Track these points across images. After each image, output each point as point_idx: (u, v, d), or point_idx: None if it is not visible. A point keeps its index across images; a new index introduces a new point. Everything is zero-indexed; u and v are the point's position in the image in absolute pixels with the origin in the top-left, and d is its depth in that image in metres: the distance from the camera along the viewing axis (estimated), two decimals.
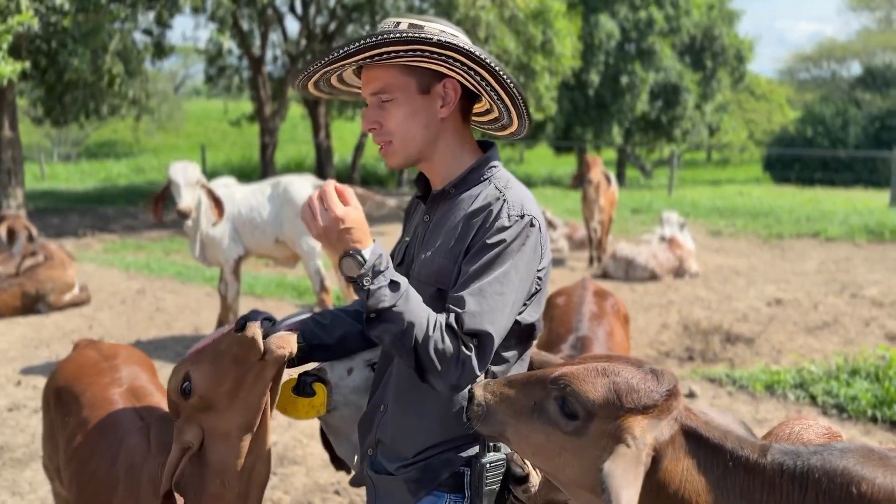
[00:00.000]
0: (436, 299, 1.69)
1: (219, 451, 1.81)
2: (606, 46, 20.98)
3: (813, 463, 1.32)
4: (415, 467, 1.73)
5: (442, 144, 1.74)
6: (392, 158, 1.74)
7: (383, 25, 1.65)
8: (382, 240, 8.34)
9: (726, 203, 15.51)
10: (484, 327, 1.58)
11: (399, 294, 1.57)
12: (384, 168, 23.85)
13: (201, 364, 1.78)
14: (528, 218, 1.65)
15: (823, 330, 6.75)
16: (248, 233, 5.89)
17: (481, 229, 1.65)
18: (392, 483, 1.77)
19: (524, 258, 1.65)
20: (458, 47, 1.58)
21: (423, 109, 1.69)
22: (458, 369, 1.57)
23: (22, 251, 7.74)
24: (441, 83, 1.69)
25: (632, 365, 1.41)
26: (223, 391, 1.75)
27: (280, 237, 5.88)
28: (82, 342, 2.82)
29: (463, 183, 1.73)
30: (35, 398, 5.10)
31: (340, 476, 4.03)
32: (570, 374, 1.40)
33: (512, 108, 1.74)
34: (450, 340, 1.57)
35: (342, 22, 16.33)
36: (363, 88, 1.72)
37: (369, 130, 1.72)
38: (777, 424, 1.76)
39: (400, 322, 1.56)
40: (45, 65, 11.81)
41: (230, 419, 1.79)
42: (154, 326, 6.81)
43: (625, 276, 8.82)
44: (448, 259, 1.68)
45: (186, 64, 42.04)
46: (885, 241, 11.13)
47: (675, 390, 1.39)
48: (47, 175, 25.32)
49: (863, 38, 40.82)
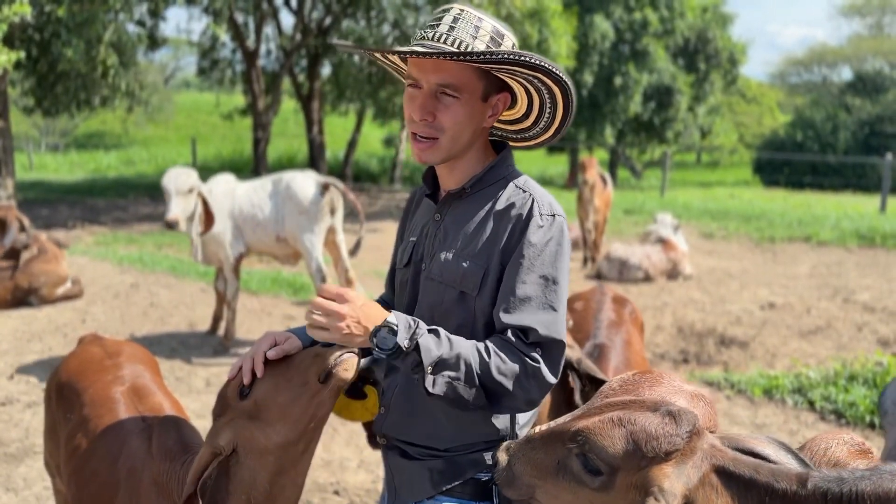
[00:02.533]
0: (458, 302, 1.68)
1: (251, 466, 1.75)
2: (601, 47, 21.01)
3: (863, 488, 1.27)
4: (441, 459, 1.71)
5: (473, 149, 1.74)
6: (432, 154, 1.68)
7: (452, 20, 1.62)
8: (377, 237, 8.35)
9: (718, 205, 15.57)
10: (547, 335, 1.58)
11: (441, 339, 1.56)
12: (375, 164, 23.79)
13: (270, 369, 1.73)
14: (559, 218, 1.67)
15: (816, 334, 6.79)
16: (250, 230, 5.83)
17: (515, 230, 1.64)
18: (414, 469, 1.74)
19: (565, 259, 1.66)
20: (563, 81, 1.60)
21: (478, 115, 1.68)
22: (529, 383, 1.57)
23: (14, 242, 7.66)
24: (498, 95, 1.69)
25: (648, 409, 1.36)
26: (278, 402, 1.70)
27: (282, 234, 5.82)
28: (87, 337, 2.78)
29: (479, 182, 1.73)
30: (28, 392, 5.05)
31: (339, 476, 4.01)
32: (587, 430, 1.36)
33: (556, 122, 1.75)
34: (510, 358, 1.56)
35: (337, 17, 16.26)
36: (424, 73, 1.64)
37: (421, 120, 1.65)
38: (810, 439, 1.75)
39: (457, 365, 1.54)
40: (38, 54, 11.71)
41: (272, 435, 1.72)
42: (149, 321, 6.75)
43: (618, 276, 8.84)
44: (474, 263, 1.66)
45: (177, 56, 41.79)
46: (877, 247, 11.20)
47: (696, 430, 1.34)
48: (35, 165, 25.12)
49: (854, 44, 41.14)
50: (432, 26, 1.64)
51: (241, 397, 1.74)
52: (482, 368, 1.54)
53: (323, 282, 5.91)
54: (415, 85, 1.66)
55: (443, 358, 1.53)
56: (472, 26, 1.62)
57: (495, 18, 1.66)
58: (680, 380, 1.63)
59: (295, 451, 1.75)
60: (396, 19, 14.69)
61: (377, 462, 4.12)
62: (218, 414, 1.81)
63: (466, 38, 1.61)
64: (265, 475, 1.75)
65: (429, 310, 1.73)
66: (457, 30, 1.61)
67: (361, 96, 17.17)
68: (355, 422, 2.00)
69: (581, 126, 21.94)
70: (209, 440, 1.77)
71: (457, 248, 1.69)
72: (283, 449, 1.73)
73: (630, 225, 13.37)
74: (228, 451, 1.76)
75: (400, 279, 1.86)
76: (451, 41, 1.60)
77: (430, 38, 1.62)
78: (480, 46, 1.61)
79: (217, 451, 1.76)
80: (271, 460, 1.74)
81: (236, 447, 1.76)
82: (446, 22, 1.62)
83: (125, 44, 11.95)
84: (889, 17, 43.55)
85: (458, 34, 1.61)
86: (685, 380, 1.66)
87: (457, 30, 1.61)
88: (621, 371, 2.75)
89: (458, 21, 1.62)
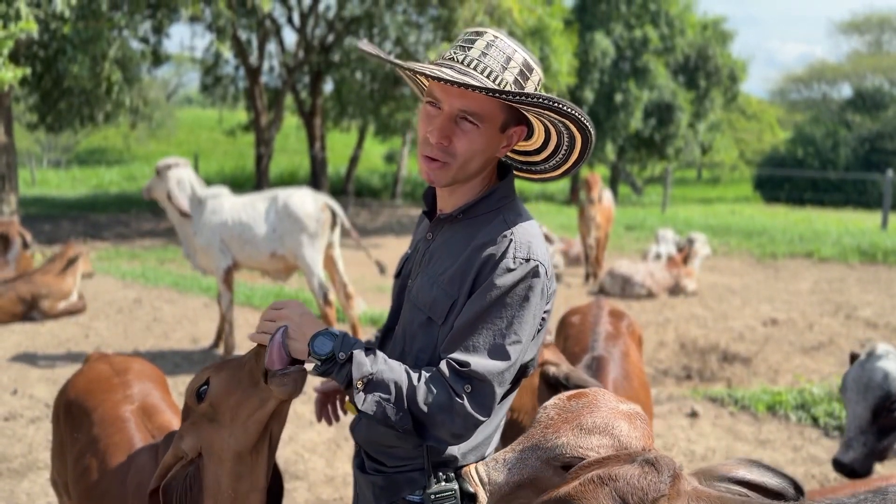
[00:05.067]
0: (424, 326, 1.67)
1: (213, 471, 1.78)
2: (601, 64, 21.13)
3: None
4: (382, 475, 1.72)
5: (480, 176, 1.71)
6: (441, 176, 1.65)
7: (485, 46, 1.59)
8: (379, 252, 8.37)
9: (719, 221, 15.60)
10: (480, 373, 1.55)
11: (377, 358, 1.57)
12: (377, 180, 23.86)
13: (222, 371, 1.77)
14: (533, 264, 1.60)
15: (819, 350, 6.78)
16: (238, 246, 5.84)
17: (485, 268, 1.61)
18: (364, 482, 1.78)
19: (529, 308, 1.60)
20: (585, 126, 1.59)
21: (493, 145, 1.65)
22: (453, 418, 1.54)
23: (17, 257, 7.69)
24: (516, 128, 1.67)
25: (625, 462, 1.36)
26: (229, 404, 1.72)
27: (279, 251, 5.83)
28: (94, 355, 2.78)
29: (472, 210, 1.70)
30: (31, 408, 5.05)
31: (343, 492, 4.00)
32: (572, 497, 1.35)
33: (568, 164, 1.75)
34: (437, 390, 1.54)
35: (340, 34, 16.38)
36: (449, 96, 1.59)
37: (437, 144, 1.61)
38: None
39: (388, 386, 1.54)
40: (42, 71, 11.78)
41: (226, 439, 1.74)
42: (152, 336, 6.76)
43: (621, 292, 8.84)
44: (443, 292, 1.64)
45: (179, 72, 42.00)
46: (878, 263, 11.21)
47: (676, 474, 1.34)
48: (38, 181, 25.19)
49: (853, 61, 41.33)
50: (463, 48, 1.60)
51: (198, 400, 1.77)
52: (409, 395, 1.53)
53: (325, 298, 5.93)
54: (434, 104, 1.62)
55: (374, 376, 1.54)
56: (504, 56, 1.59)
57: (526, 49, 1.63)
58: (614, 399, 1.62)
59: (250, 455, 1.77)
60: (398, 37, 14.79)
61: None
62: (184, 418, 1.83)
63: (496, 69, 1.57)
64: (227, 479, 1.77)
65: (402, 329, 1.74)
66: (488, 57, 1.57)
67: (363, 112, 17.26)
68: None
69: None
70: (174, 442, 1.80)
71: (434, 273, 1.68)
72: (240, 454, 1.75)
73: (631, 241, 13.39)
74: (193, 455, 1.78)
75: (392, 288, 1.89)
76: (483, 69, 1.57)
77: (461, 61, 1.58)
78: (509, 78, 1.58)
79: (179, 455, 1.78)
80: (229, 465, 1.76)
81: (201, 451, 1.78)
82: (479, 47, 1.58)
83: (129, 60, 12.02)
84: (888, 35, 43.83)
85: (489, 62, 1.57)
86: (617, 398, 1.64)
87: (488, 57, 1.57)
88: (620, 383, 2.76)
89: (490, 48, 1.58)
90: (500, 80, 1.57)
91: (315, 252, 5.82)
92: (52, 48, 11.11)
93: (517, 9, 13.34)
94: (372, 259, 6.42)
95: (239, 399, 1.71)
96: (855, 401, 2.74)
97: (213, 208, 5.83)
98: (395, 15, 14.85)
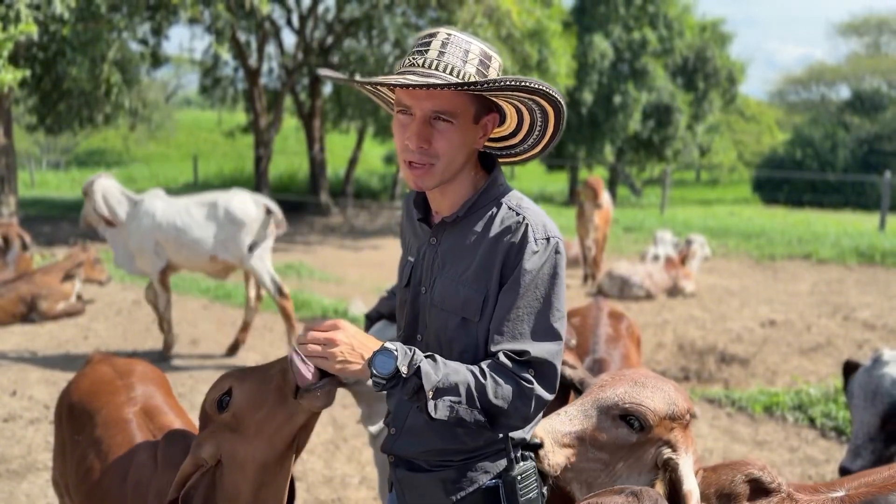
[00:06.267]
0: (460, 328, 1.70)
1: (234, 478, 1.77)
2: (600, 66, 21.14)
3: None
4: (453, 468, 1.73)
5: (464, 171, 1.73)
6: (428, 180, 1.68)
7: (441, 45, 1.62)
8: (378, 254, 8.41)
9: (718, 223, 15.61)
10: (539, 356, 1.61)
11: (438, 364, 1.58)
12: (376, 182, 23.86)
13: (246, 383, 1.74)
14: (553, 241, 1.67)
15: (817, 352, 6.80)
16: (174, 249, 5.93)
17: (509, 257, 1.65)
18: (426, 480, 1.75)
19: (560, 281, 1.68)
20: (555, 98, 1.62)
21: (471, 137, 1.68)
22: (525, 403, 1.60)
23: (16, 258, 7.70)
24: (489, 116, 1.70)
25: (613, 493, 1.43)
26: (254, 418, 1.71)
27: (221, 255, 5.91)
28: (96, 356, 2.77)
29: (474, 205, 1.73)
30: (30, 409, 5.06)
31: (341, 492, 4.02)
32: None
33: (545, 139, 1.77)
34: (504, 381, 1.59)
35: (339, 36, 16.39)
36: (418, 100, 1.62)
37: (417, 148, 1.64)
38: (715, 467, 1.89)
39: (457, 389, 1.56)
40: (41, 73, 11.80)
41: (251, 450, 1.74)
42: (151, 338, 6.77)
43: (619, 294, 8.86)
44: (472, 290, 1.68)
45: (179, 74, 41.98)
46: (876, 264, 11.23)
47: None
48: (37, 183, 25.19)
49: (852, 63, 41.36)
50: (420, 52, 1.62)
51: (220, 410, 1.76)
52: (479, 391, 1.57)
53: (280, 292, 6.05)
54: (405, 112, 1.65)
55: (442, 382, 1.55)
56: (462, 50, 1.62)
57: (480, 39, 1.66)
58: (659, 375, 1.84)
59: (274, 466, 1.76)
60: (398, 39, 14.79)
61: None
62: (202, 425, 1.82)
63: (457, 63, 1.61)
64: (248, 488, 1.76)
65: (435, 336, 1.75)
66: (447, 55, 1.60)
67: (362, 114, 17.26)
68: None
69: (581, 144, 22.04)
70: (193, 450, 1.79)
71: (455, 274, 1.70)
72: (264, 464, 1.74)
73: (630, 242, 13.40)
74: (212, 463, 1.77)
75: (400, 298, 1.87)
76: (444, 67, 1.60)
77: (421, 64, 1.61)
78: (471, 70, 1.61)
79: (199, 463, 1.77)
80: (251, 475, 1.75)
81: (221, 458, 1.77)
82: (435, 48, 1.61)
83: (128, 62, 12.05)
84: (886, 37, 43.88)
85: (448, 59, 1.60)
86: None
87: (447, 55, 1.60)
88: None
89: (446, 46, 1.61)
90: (462, 73, 1.60)
91: (262, 251, 5.98)
92: (52, 50, 11.14)
93: (516, 11, 13.36)
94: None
95: (266, 414, 1.70)
96: (863, 407, 2.71)
97: (146, 211, 5.92)
98: (395, 17, 14.85)
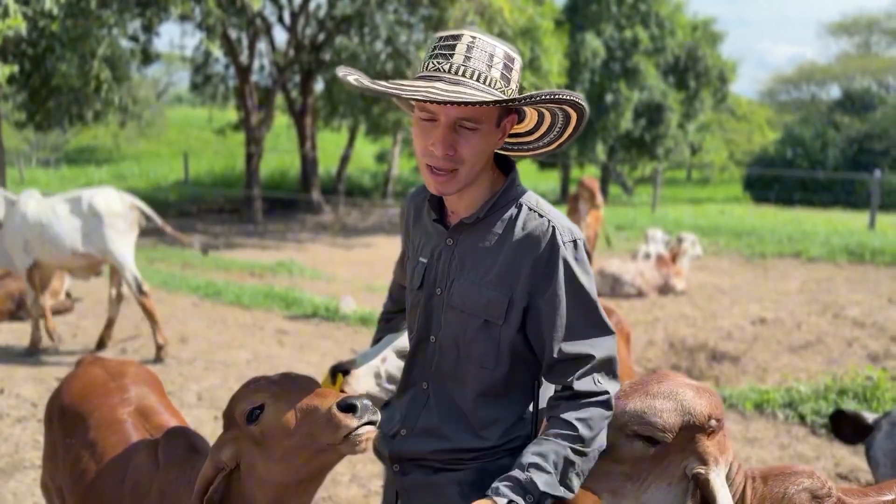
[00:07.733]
0: (482, 330, 1.69)
1: (251, 488, 1.75)
2: (592, 64, 21.16)
3: None
4: (470, 470, 1.70)
5: (483, 173, 1.71)
6: (451, 185, 1.65)
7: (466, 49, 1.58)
8: (369, 252, 8.40)
9: (709, 221, 15.66)
10: (602, 355, 1.65)
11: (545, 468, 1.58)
12: (368, 180, 23.82)
13: (282, 403, 1.68)
14: (580, 242, 1.70)
15: (807, 349, 6.82)
16: (38, 246, 5.97)
17: (541, 261, 1.66)
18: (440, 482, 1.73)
19: (591, 275, 1.71)
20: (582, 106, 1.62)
21: (493, 141, 1.67)
22: (609, 408, 1.66)
23: None
24: (509, 117, 1.68)
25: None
26: (285, 444, 1.66)
27: (83, 250, 5.94)
28: (87, 358, 2.71)
29: (493, 207, 1.71)
30: (18, 407, 5.03)
31: (332, 490, 4.00)
32: None
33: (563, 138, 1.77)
34: (586, 411, 1.63)
35: (331, 33, 16.34)
36: (443, 108, 1.58)
37: (444, 155, 1.61)
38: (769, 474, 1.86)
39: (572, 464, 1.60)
40: (31, 69, 11.71)
41: (272, 469, 1.70)
42: (140, 335, 6.73)
43: (611, 292, 8.87)
44: (497, 292, 1.67)
45: (169, 71, 41.79)
46: (866, 263, 11.28)
47: None
48: (27, 180, 25.01)
49: (842, 62, 41.54)
50: (445, 56, 1.58)
51: (249, 421, 1.71)
52: (585, 442, 1.60)
53: (140, 289, 6.03)
54: (429, 117, 1.62)
55: (558, 474, 1.58)
56: (487, 55, 1.59)
57: (502, 41, 1.63)
58: (684, 377, 1.77)
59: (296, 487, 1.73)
60: (389, 36, 14.76)
61: (369, 476, 4.11)
62: (226, 426, 1.79)
63: (483, 69, 1.58)
64: (264, 500, 1.74)
65: (452, 339, 1.73)
66: (472, 59, 1.57)
67: (354, 112, 17.22)
68: None
69: (572, 143, 22.05)
70: (213, 453, 1.76)
71: (477, 276, 1.69)
72: (284, 485, 1.71)
73: (621, 241, 13.42)
74: (232, 466, 1.75)
75: (412, 300, 1.84)
76: (471, 74, 1.57)
77: (447, 70, 1.57)
78: (496, 75, 1.59)
79: (220, 466, 1.74)
80: (269, 492, 1.72)
81: (239, 464, 1.75)
82: (460, 52, 1.58)
83: (118, 59, 11.97)
84: (876, 37, 44.07)
85: (474, 65, 1.57)
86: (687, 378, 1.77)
87: (472, 59, 1.57)
88: None
89: (471, 50, 1.58)
90: (488, 79, 1.58)
91: (125, 247, 6.02)
92: (41, 46, 11.06)
93: (508, 8, 13.36)
94: (187, 244, 6.91)
95: (297, 444, 1.65)
96: (891, 475, 2.60)
97: (20, 210, 5.98)
98: (387, 14, 14.81)
